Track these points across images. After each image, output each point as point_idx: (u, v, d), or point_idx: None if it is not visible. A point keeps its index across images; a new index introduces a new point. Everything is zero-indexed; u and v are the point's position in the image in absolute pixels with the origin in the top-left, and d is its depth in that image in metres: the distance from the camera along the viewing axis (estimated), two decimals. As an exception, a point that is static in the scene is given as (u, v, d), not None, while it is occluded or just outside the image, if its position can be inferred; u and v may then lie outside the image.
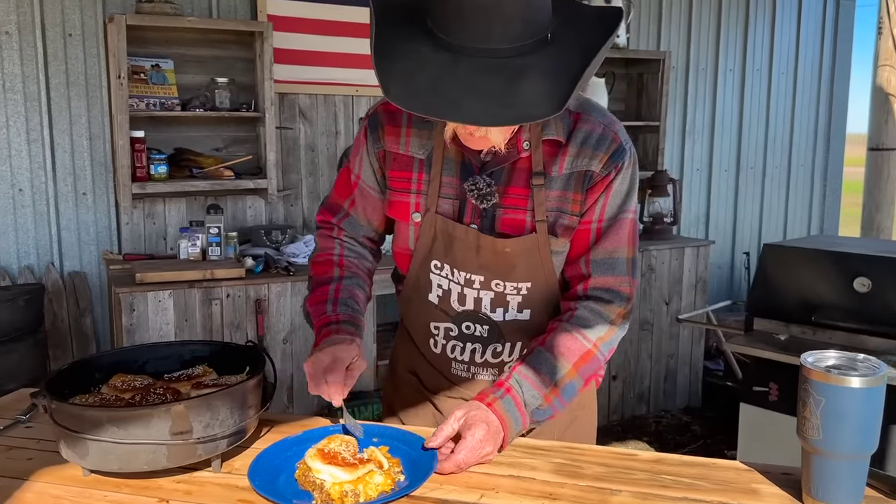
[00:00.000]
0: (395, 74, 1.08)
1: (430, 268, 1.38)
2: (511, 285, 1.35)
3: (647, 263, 3.93)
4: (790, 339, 2.67)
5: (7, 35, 3.04)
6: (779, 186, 5.16)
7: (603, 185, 1.30)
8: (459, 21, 1.08)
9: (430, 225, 1.35)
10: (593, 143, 1.29)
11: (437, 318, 1.41)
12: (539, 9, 1.10)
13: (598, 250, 1.32)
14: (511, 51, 1.07)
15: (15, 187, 3.12)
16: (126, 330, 2.81)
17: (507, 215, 1.31)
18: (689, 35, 4.60)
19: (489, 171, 1.31)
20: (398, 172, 1.37)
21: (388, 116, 1.37)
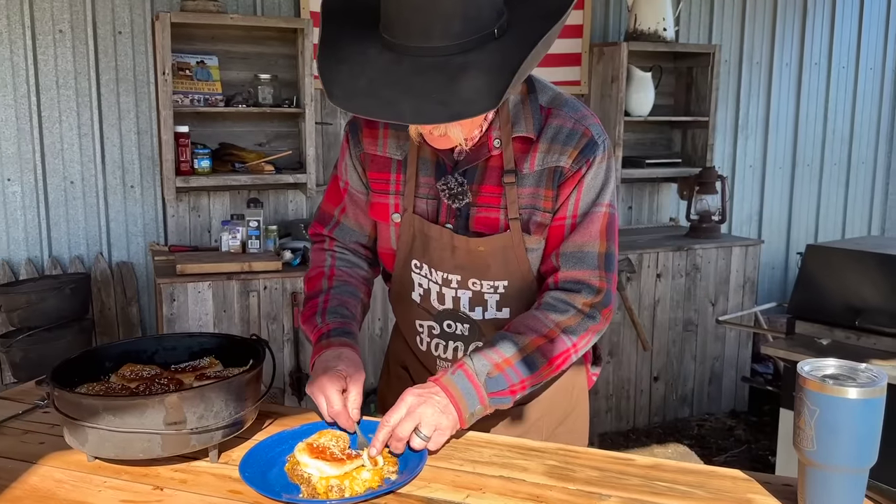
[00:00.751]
0: (338, 77, 1.10)
1: (411, 267, 1.39)
2: (488, 284, 1.34)
3: (693, 262, 3.84)
4: (833, 344, 2.57)
5: (61, 33, 3.15)
6: (837, 184, 4.97)
7: (574, 181, 1.28)
8: (400, 21, 1.09)
9: (408, 225, 1.36)
10: (563, 139, 1.28)
11: (420, 317, 1.43)
12: (482, 5, 1.09)
13: (568, 244, 1.31)
14: (453, 48, 1.08)
15: (67, 180, 3.24)
16: (167, 319, 2.90)
17: (481, 214, 1.31)
18: (742, 27, 4.46)
19: (462, 169, 1.31)
20: (377, 174, 1.39)
21: (366, 119, 1.38)
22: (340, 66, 1.11)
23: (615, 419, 3.84)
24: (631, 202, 4.35)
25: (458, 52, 1.08)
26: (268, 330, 3.03)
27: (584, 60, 4.04)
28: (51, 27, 3.14)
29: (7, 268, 3.14)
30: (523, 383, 1.26)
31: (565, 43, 3.97)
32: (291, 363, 3.10)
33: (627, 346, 3.77)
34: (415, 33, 1.08)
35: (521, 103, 1.29)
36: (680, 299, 3.84)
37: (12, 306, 2.87)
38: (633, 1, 3.91)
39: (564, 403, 1.48)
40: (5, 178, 3.15)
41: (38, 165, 3.18)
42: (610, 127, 3.91)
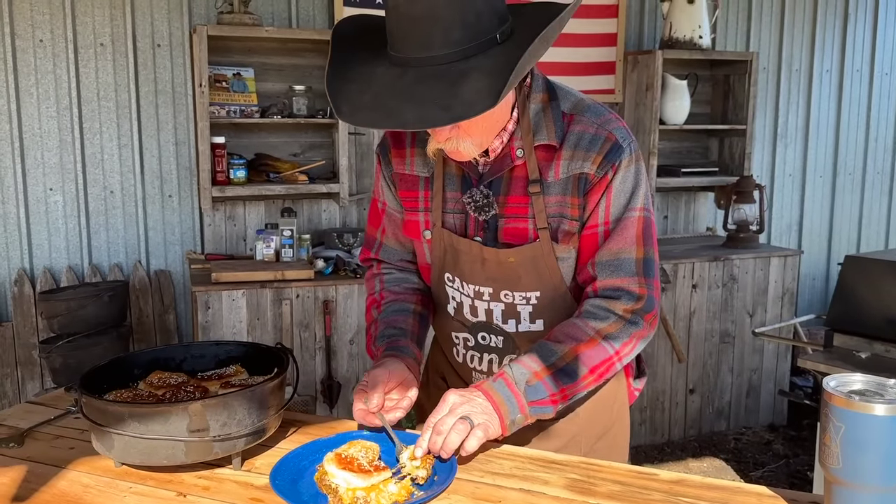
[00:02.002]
0: (346, 95, 1.14)
1: (445, 281, 1.42)
2: (520, 295, 1.34)
3: (730, 273, 3.77)
4: (872, 358, 2.50)
5: (102, 46, 3.24)
6: (880, 194, 4.85)
7: (602, 187, 1.27)
8: (401, 35, 1.12)
9: (438, 240, 1.38)
10: (586, 144, 1.26)
11: (456, 328, 1.45)
12: (481, 11, 1.10)
13: (603, 252, 1.30)
14: (454, 55, 1.10)
15: (107, 189, 3.32)
16: (202, 326, 2.94)
17: (510, 225, 1.31)
18: (781, 34, 4.39)
19: (487, 181, 1.32)
20: (406, 192, 1.42)
21: (393, 139, 1.42)
22: (349, 86, 1.14)
23: (650, 432, 3.78)
24: (667, 211, 4.29)
25: (460, 58, 1.10)
26: (300, 338, 3.06)
27: (618, 69, 4.01)
28: (92, 41, 3.22)
29: (49, 275, 3.23)
30: (564, 392, 1.25)
31: (599, 51, 3.95)
32: (323, 371, 3.12)
33: (662, 357, 3.72)
34: (416, 45, 1.10)
35: (542, 111, 1.28)
36: (716, 310, 3.78)
37: (53, 313, 2.95)
38: (668, 9, 3.87)
39: (604, 418, 1.45)
40: (48, 188, 3.24)
41: (80, 175, 3.27)
42: (645, 135, 3.87)
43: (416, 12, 1.09)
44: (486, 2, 1.11)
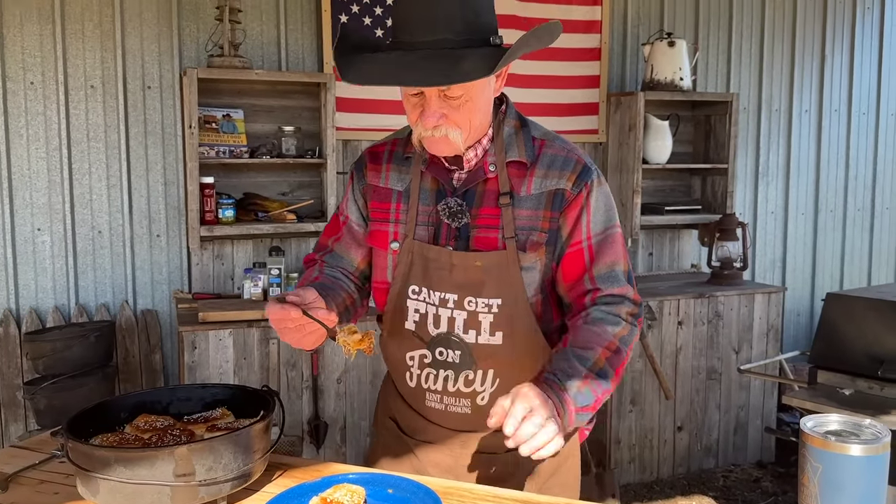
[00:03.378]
0: (352, 65, 1.29)
1: (408, 294, 1.45)
2: (483, 302, 1.40)
3: (715, 310, 3.80)
4: (855, 395, 2.53)
5: (92, 88, 3.28)
6: (862, 230, 4.92)
7: (579, 203, 1.40)
8: (409, 21, 1.28)
9: (407, 251, 1.45)
10: (560, 165, 1.42)
11: (412, 347, 1.47)
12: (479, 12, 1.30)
13: (600, 265, 1.42)
14: (455, 42, 1.26)
15: (95, 229, 3.33)
16: (188, 367, 2.93)
17: (480, 234, 1.41)
18: (760, 75, 4.49)
19: (461, 192, 1.43)
20: (378, 203, 1.50)
21: (371, 157, 1.53)
22: (355, 60, 1.30)
23: (638, 470, 3.77)
24: (652, 248, 4.34)
25: (459, 46, 1.26)
26: (287, 377, 3.05)
27: (601, 110, 4.09)
28: (83, 83, 3.26)
29: (35, 315, 3.21)
30: (599, 400, 1.33)
31: (583, 93, 4.03)
32: (310, 411, 3.11)
33: (650, 394, 3.72)
34: (422, 28, 1.26)
35: (514, 134, 1.44)
36: (702, 347, 3.80)
37: (38, 354, 2.93)
38: (649, 52, 3.96)
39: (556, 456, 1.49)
40: (35, 228, 3.25)
41: (68, 215, 3.28)
42: (628, 174, 3.93)
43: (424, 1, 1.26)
44: (484, 9, 1.31)
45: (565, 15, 3.94)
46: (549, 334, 1.46)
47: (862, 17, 4.74)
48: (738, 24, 4.40)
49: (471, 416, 1.46)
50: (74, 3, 3.22)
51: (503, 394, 1.39)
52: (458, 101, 1.32)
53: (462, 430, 1.48)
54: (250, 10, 3.44)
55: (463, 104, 1.33)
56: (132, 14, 3.30)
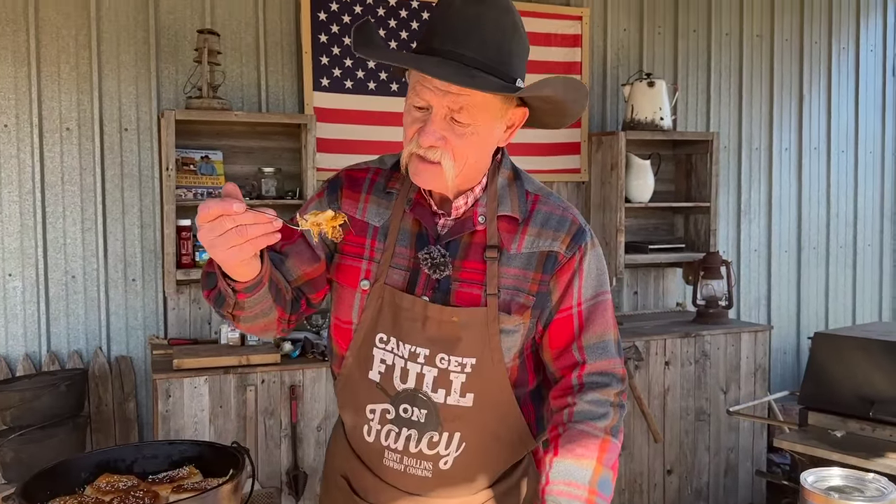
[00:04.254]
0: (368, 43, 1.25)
1: (375, 342, 1.34)
2: (455, 360, 1.30)
3: (701, 349, 3.76)
4: (847, 437, 2.48)
5: (68, 131, 3.22)
6: (844, 267, 4.93)
7: (571, 267, 1.32)
8: (441, 29, 1.22)
9: (377, 296, 1.33)
10: (554, 225, 1.33)
11: (374, 399, 1.35)
12: (514, 52, 1.24)
13: (590, 335, 1.33)
14: (482, 64, 1.20)
15: (68, 274, 3.25)
16: (161, 416, 2.83)
17: (463, 289, 1.31)
18: (740, 114, 4.53)
19: (444, 242, 1.32)
20: (352, 237, 1.35)
21: (349, 181, 1.40)
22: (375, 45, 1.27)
23: (627, 515, 3.68)
24: (636, 287, 4.31)
25: (483, 70, 1.20)
26: (265, 425, 2.96)
27: (583, 149, 4.09)
28: (58, 125, 3.21)
29: (4, 364, 3.11)
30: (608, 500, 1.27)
31: (565, 133, 4.03)
32: (289, 460, 3.01)
33: (638, 437, 3.65)
34: (452, 40, 1.20)
35: (507, 186, 1.35)
36: (690, 387, 3.74)
37: (5, 405, 2.82)
38: (629, 92, 3.98)
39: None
40: (6, 274, 3.16)
41: (40, 260, 3.20)
42: (611, 212, 3.92)
43: (467, 13, 1.21)
44: (520, 52, 1.26)
45: (545, 56, 3.96)
46: (521, 398, 1.37)
47: (838, 57, 4.82)
48: (716, 63, 4.44)
49: (431, 480, 1.34)
50: (50, 45, 3.18)
51: (469, 459, 1.32)
52: (465, 128, 1.22)
53: (420, 495, 1.36)
54: (230, 51, 3.43)
55: (468, 134, 1.23)
56: (109, 56, 3.26)
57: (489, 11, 1.21)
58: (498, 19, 1.21)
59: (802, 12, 4.68)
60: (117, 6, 3.26)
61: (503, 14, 1.22)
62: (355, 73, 3.59)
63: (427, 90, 1.21)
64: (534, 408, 1.42)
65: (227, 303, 1.21)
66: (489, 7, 1.21)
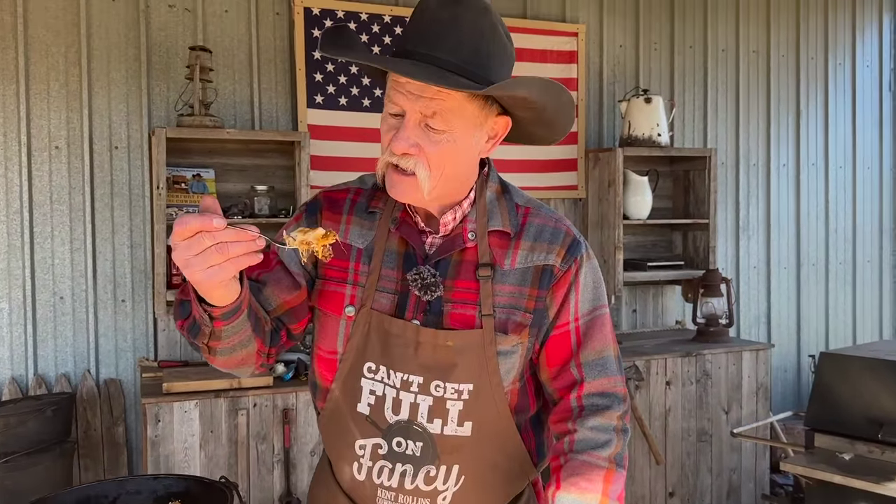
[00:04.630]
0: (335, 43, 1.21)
1: (363, 372, 1.25)
2: (452, 388, 1.22)
3: (703, 369, 3.70)
4: (856, 459, 2.42)
5: (57, 149, 3.17)
6: (844, 283, 4.88)
7: (567, 280, 1.26)
8: (416, 32, 1.18)
9: (363, 322, 1.24)
10: (548, 237, 1.28)
11: (365, 434, 1.26)
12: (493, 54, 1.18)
13: (588, 352, 1.27)
14: (456, 66, 1.15)
15: (56, 295, 3.17)
16: (150, 442, 2.76)
17: (457, 310, 1.23)
18: (737, 130, 4.50)
19: (434, 261, 1.25)
20: (334, 261, 1.26)
21: (329, 203, 1.32)
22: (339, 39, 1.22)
23: (629, 539, 3.60)
24: (635, 305, 4.25)
25: (460, 73, 1.15)
26: (257, 450, 2.88)
27: (580, 166, 4.04)
28: (47, 143, 3.15)
29: (-11, 388, 3.03)
30: None
31: (561, 149, 3.99)
32: (282, 486, 2.93)
33: (640, 459, 3.58)
34: (427, 42, 1.16)
35: (496, 200, 1.30)
36: (692, 408, 3.68)
37: (-10, 430, 2.74)
38: (626, 108, 3.95)
39: None
40: (-7, 295, 3.09)
41: (28, 281, 3.13)
42: (609, 230, 3.87)
43: (442, 16, 1.16)
44: (501, 54, 1.20)
45: (541, 72, 3.92)
46: (521, 425, 1.30)
47: (834, 72, 4.80)
48: (713, 79, 4.42)
49: None
50: (40, 63, 3.13)
51: (468, 493, 1.24)
52: (440, 135, 1.16)
53: None
54: (222, 68, 3.38)
55: (444, 141, 1.17)
56: (100, 74, 3.21)
57: (465, 13, 1.17)
58: (475, 20, 1.17)
59: (798, 28, 4.67)
60: (108, 23, 3.22)
61: (480, 15, 1.18)
62: (350, 90, 3.55)
63: (400, 94, 1.16)
64: (534, 434, 1.34)
65: (202, 332, 1.11)
66: (465, 8, 1.17)
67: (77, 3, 3.17)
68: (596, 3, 4.11)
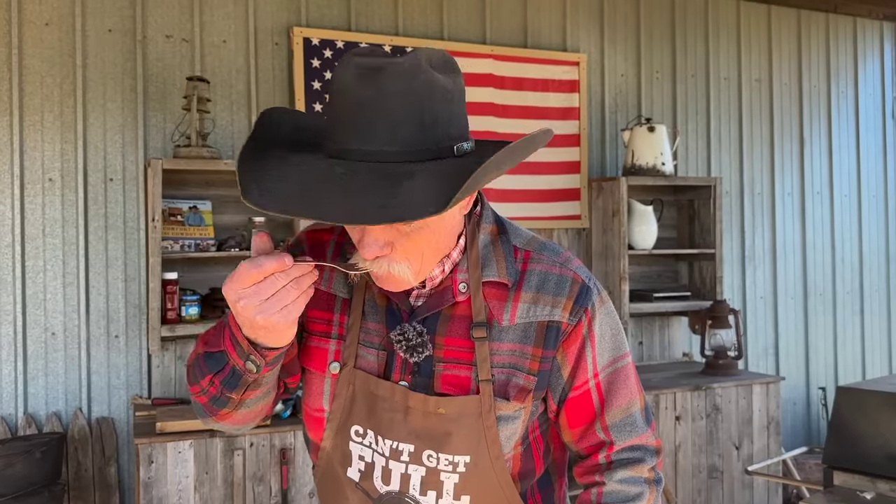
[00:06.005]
0: (260, 177, 0.96)
1: (351, 435, 1.13)
2: (446, 459, 1.09)
3: (713, 403, 3.60)
4: (878, 498, 2.31)
5: (51, 182, 3.10)
6: (852, 313, 4.80)
7: (579, 335, 1.11)
8: (343, 120, 0.96)
9: (347, 383, 1.11)
10: (552, 287, 1.11)
11: (357, 500, 1.15)
12: (439, 114, 0.97)
13: (613, 410, 1.14)
14: (401, 155, 0.94)
15: (48, 331, 3.09)
16: (143, 484, 2.65)
17: (449, 371, 1.09)
18: (741, 159, 4.45)
19: (421, 317, 1.10)
20: (318, 313, 1.15)
21: (312, 244, 1.19)
22: (266, 168, 0.97)
23: (639, 580, 3.47)
24: (641, 337, 4.16)
25: (407, 160, 0.94)
26: (254, 493, 2.77)
27: (583, 195, 3.99)
28: (40, 176, 3.09)
29: (-24, 428, 2.93)
30: None
31: (564, 179, 3.94)
32: (280, 529, 2.81)
33: (647, 496, 3.47)
34: (358, 135, 0.95)
35: (491, 245, 1.13)
36: (702, 444, 3.57)
37: (-24, 473, 2.64)
38: (629, 137, 3.90)
39: None
40: (-18, 332, 3.00)
41: (19, 317, 3.04)
42: (614, 260, 3.80)
43: (365, 97, 0.95)
44: (447, 109, 0.98)
45: (542, 102, 3.89)
46: (527, 492, 1.18)
47: (837, 100, 4.77)
48: (715, 108, 4.39)
49: None
50: (34, 94, 3.08)
51: None
52: (409, 227, 1.00)
53: None
54: (220, 99, 3.33)
55: (415, 231, 1.00)
56: (95, 105, 3.16)
57: (391, 83, 0.94)
58: (406, 89, 0.95)
59: (800, 56, 4.65)
60: (104, 54, 3.18)
61: (409, 79, 0.95)
62: (349, 120, 3.50)
63: None
64: (541, 498, 1.22)
65: (241, 383, 1.03)
66: (390, 77, 0.95)
67: (73, 33, 3.13)
68: (597, 32, 4.09)
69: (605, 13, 4.11)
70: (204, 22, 3.33)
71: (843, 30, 4.82)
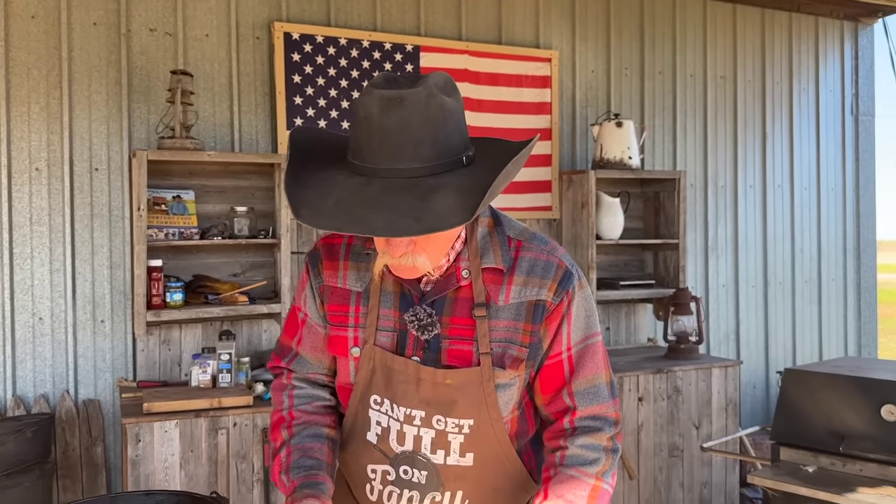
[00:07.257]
0: (306, 198, 1.15)
1: (370, 403, 1.34)
2: (453, 422, 1.30)
3: (674, 385, 3.79)
4: (819, 472, 2.51)
5: (37, 171, 3.19)
6: (810, 301, 5.03)
7: (560, 313, 1.31)
8: (371, 146, 1.15)
9: (368, 358, 1.32)
10: (540, 271, 1.30)
11: (374, 460, 1.36)
12: (450, 132, 1.17)
13: (580, 381, 1.33)
14: (423, 170, 1.14)
15: (35, 316, 3.18)
16: (131, 461, 2.77)
17: (454, 346, 1.29)
18: (705, 153, 4.64)
19: (430, 300, 1.30)
20: (336, 306, 1.36)
21: (326, 251, 1.39)
22: (307, 190, 1.16)
23: (603, 553, 3.66)
24: (608, 323, 4.34)
25: (428, 174, 1.14)
26: (237, 470, 2.91)
27: (554, 187, 4.14)
28: (27, 165, 3.18)
29: (-34, 409, 3.03)
30: None
31: (536, 171, 4.09)
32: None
33: (612, 474, 3.65)
34: (385, 156, 1.13)
35: (488, 235, 1.32)
36: (663, 423, 3.77)
37: (-32, 452, 2.74)
38: (598, 132, 4.06)
39: None
40: (-29, 316, 3.09)
41: (7, 303, 3.13)
42: (583, 249, 3.96)
43: (390, 125, 1.13)
44: (456, 126, 1.18)
45: (517, 97, 4.03)
46: (522, 449, 1.38)
47: (799, 97, 4.97)
48: (681, 104, 4.56)
49: None
50: (21, 85, 3.16)
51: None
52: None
53: None
54: (203, 91, 3.43)
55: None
56: (81, 96, 3.25)
57: (413, 114, 1.13)
58: (424, 116, 1.14)
59: (764, 53, 4.84)
60: (89, 46, 3.26)
61: (426, 108, 1.14)
62: (329, 113, 3.62)
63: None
64: (534, 454, 1.43)
65: None
66: (411, 109, 1.13)
67: (58, 26, 3.21)
68: (569, 29, 4.24)
69: (577, 11, 4.26)
70: (187, 16, 3.43)
71: (805, 29, 5.01)
